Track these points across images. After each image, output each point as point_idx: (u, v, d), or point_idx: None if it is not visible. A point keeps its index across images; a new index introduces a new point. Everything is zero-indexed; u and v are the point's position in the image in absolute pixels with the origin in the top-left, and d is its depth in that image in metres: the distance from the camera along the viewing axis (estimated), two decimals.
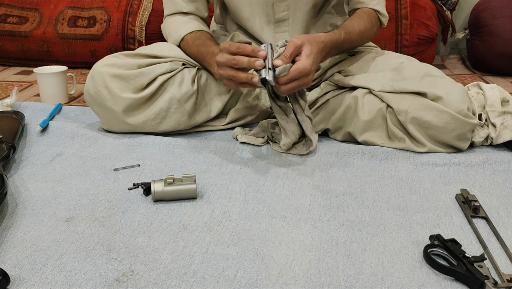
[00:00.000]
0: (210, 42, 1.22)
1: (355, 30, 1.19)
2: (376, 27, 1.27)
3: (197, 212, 0.93)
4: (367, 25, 1.22)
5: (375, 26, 1.26)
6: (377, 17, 1.26)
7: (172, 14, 1.32)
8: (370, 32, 1.24)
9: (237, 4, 1.26)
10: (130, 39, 1.96)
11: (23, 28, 2.02)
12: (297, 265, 0.77)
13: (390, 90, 1.16)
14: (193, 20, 1.30)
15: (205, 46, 1.21)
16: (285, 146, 1.14)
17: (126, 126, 1.24)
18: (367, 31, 1.23)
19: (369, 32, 1.24)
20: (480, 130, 1.17)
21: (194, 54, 1.25)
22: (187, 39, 1.26)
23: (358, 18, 1.22)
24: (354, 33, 1.19)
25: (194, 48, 1.24)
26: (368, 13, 1.24)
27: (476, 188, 1.01)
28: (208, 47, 1.20)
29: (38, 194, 1.00)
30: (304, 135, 1.17)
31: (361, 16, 1.23)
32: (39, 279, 0.74)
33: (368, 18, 1.23)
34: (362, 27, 1.21)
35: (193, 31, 1.27)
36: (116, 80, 1.19)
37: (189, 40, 1.26)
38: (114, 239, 0.84)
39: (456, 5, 2.04)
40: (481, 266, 0.73)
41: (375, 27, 1.26)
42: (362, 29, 1.21)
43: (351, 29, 1.18)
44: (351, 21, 1.21)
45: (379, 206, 0.94)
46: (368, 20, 1.23)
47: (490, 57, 1.89)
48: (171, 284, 0.73)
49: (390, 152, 1.15)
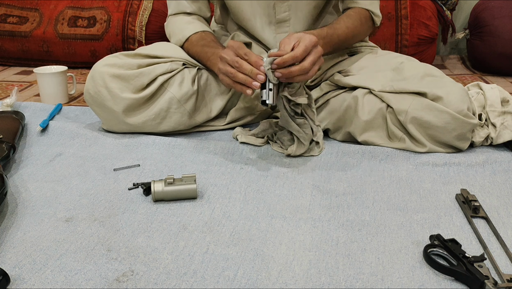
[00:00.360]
0: (214, 44, 1.23)
1: (341, 27, 1.19)
2: (367, 26, 1.27)
3: (197, 212, 0.93)
4: (355, 23, 1.22)
5: (366, 24, 1.26)
6: (369, 16, 1.26)
7: (176, 14, 1.33)
8: (360, 29, 1.24)
9: (238, 4, 1.26)
10: (130, 39, 1.96)
11: (23, 28, 2.02)
12: (297, 265, 0.77)
13: (390, 90, 1.16)
14: (196, 21, 1.31)
15: (210, 47, 1.22)
16: (294, 153, 1.14)
17: (126, 127, 1.24)
18: (356, 28, 1.23)
19: (358, 30, 1.24)
20: (480, 130, 1.17)
21: (198, 53, 1.25)
22: (192, 40, 1.27)
23: (345, 17, 1.23)
24: (340, 29, 1.19)
25: (198, 48, 1.25)
26: (359, 12, 1.25)
27: (476, 188, 1.01)
28: (214, 48, 1.21)
29: (38, 194, 1.00)
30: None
31: (350, 14, 1.24)
32: (39, 279, 0.74)
33: (357, 16, 1.24)
34: (349, 24, 1.21)
35: (198, 32, 1.27)
36: (116, 80, 1.19)
37: (194, 41, 1.26)
38: (114, 239, 0.84)
39: (456, 5, 2.04)
40: (481, 266, 0.73)
41: (365, 25, 1.26)
42: (349, 25, 1.21)
43: (336, 26, 1.19)
44: (338, 19, 1.22)
45: (379, 206, 0.94)
46: (357, 18, 1.23)
47: (490, 57, 1.89)
48: (171, 284, 0.73)
49: (390, 152, 1.15)
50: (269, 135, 1.22)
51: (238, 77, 1.03)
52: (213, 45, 1.22)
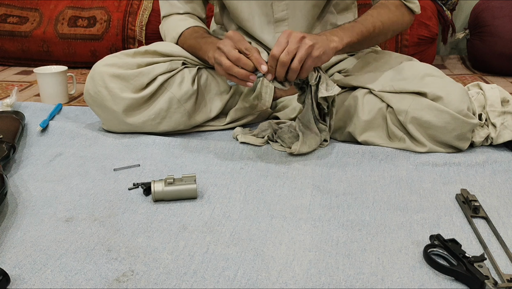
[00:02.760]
0: (208, 35, 1.24)
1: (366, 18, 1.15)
2: (400, 13, 1.20)
3: (197, 212, 0.93)
4: (381, 11, 1.17)
5: (397, 11, 1.20)
6: (401, 3, 1.21)
7: (169, 15, 1.33)
8: (391, 16, 1.18)
9: (236, 4, 1.26)
10: (130, 39, 1.96)
11: (23, 28, 2.02)
12: (297, 265, 0.77)
13: (390, 90, 1.16)
14: (189, 18, 1.31)
15: (203, 37, 1.22)
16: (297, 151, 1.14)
17: (126, 127, 1.24)
18: (385, 16, 1.17)
19: (389, 17, 1.18)
20: (480, 130, 1.17)
21: (191, 46, 1.25)
22: (185, 34, 1.27)
23: (371, 9, 1.19)
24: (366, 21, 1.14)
25: (192, 40, 1.25)
26: (385, 2, 1.20)
27: (476, 188, 1.01)
28: (207, 38, 1.21)
29: (38, 194, 1.00)
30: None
31: (375, 6, 1.20)
32: (39, 279, 0.74)
33: (384, 5, 1.19)
34: (374, 13, 1.16)
35: (190, 27, 1.27)
36: (116, 80, 1.19)
37: (187, 35, 1.27)
38: (114, 239, 0.84)
39: (456, 5, 2.04)
40: (481, 266, 0.73)
41: (397, 12, 1.20)
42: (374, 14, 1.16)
43: (359, 18, 1.15)
44: (370, 10, 1.18)
45: (379, 206, 0.94)
46: (384, 6, 1.18)
47: (490, 57, 1.89)
48: (171, 284, 0.73)
49: (390, 152, 1.15)
50: (269, 135, 1.22)
51: (233, 70, 1.02)
52: (206, 36, 1.23)
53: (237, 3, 1.26)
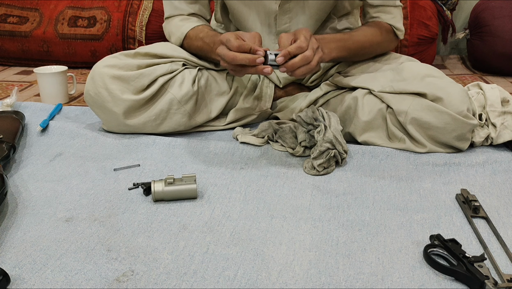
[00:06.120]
0: (213, 33, 1.22)
1: (359, 34, 1.20)
2: (389, 38, 1.26)
3: (197, 212, 0.93)
4: (374, 32, 1.22)
5: (387, 36, 1.25)
6: (391, 29, 1.26)
7: (173, 16, 1.32)
8: (380, 39, 1.23)
9: (241, 12, 1.26)
10: (130, 39, 1.96)
11: (23, 28, 2.02)
12: (297, 265, 0.77)
13: (390, 90, 1.16)
14: (193, 17, 1.30)
15: (210, 36, 1.21)
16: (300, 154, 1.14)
17: (126, 128, 1.24)
18: (375, 37, 1.22)
19: (378, 39, 1.23)
20: (480, 131, 1.17)
21: (199, 47, 1.24)
22: (190, 35, 1.26)
23: (365, 26, 1.25)
24: (357, 36, 1.19)
25: (198, 42, 1.23)
26: (379, 23, 1.25)
27: (476, 188, 1.01)
28: (214, 37, 1.19)
29: (38, 194, 1.00)
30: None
31: (369, 24, 1.25)
32: (39, 279, 0.74)
33: (377, 26, 1.24)
34: (367, 32, 1.21)
35: (194, 27, 1.26)
36: (117, 82, 1.19)
37: (192, 35, 1.25)
38: (114, 239, 0.84)
39: (456, 5, 2.04)
40: (481, 266, 0.73)
41: (386, 36, 1.25)
42: (367, 34, 1.21)
43: (353, 32, 1.20)
44: (357, 28, 1.24)
45: (379, 206, 0.94)
46: (376, 28, 1.23)
47: (490, 57, 1.89)
48: (171, 284, 0.73)
49: (390, 152, 1.15)
50: (269, 135, 1.22)
51: (238, 58, 1.00)
52: (212, 34, 1.21)
53: (242, 10, 1.26)
